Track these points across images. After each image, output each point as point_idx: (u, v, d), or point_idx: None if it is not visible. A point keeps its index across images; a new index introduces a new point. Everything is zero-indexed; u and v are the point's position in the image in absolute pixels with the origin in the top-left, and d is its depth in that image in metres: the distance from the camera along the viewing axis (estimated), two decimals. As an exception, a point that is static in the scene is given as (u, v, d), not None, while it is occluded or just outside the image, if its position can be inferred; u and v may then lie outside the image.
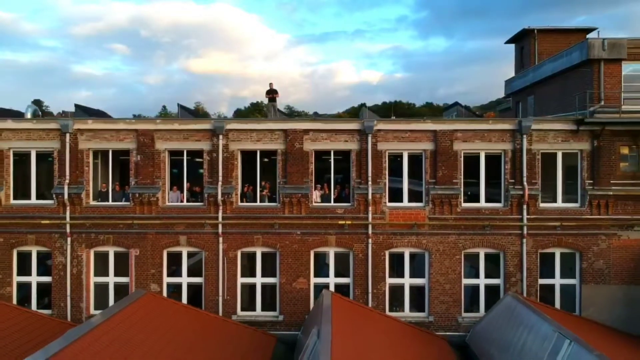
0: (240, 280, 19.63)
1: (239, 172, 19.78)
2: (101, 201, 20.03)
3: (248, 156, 20.01)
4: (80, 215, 19.59)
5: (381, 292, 19.42)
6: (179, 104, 27.87)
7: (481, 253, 19.54)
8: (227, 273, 19.49)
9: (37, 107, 26.07)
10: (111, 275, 19.83)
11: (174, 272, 19.98)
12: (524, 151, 19.20)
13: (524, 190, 19.08)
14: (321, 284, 19.43)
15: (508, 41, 31.68)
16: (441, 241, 19.36)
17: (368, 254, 19.34)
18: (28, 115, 23.16)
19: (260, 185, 19.94)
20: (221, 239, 19.45)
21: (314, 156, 19.70)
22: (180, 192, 20.11)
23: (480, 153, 19.60)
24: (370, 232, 19.33)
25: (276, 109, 26.16)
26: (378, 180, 19.40)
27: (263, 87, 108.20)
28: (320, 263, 19.90)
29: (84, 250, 19.60)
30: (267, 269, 19.80)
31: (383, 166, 19.50)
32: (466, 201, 19.64)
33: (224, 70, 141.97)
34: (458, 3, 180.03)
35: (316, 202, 19.79)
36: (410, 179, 19.69)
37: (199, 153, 19.93)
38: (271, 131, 19.70)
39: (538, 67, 25.94)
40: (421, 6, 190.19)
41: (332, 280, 19.68)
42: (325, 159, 20.04)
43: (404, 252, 19.60)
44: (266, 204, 19.84)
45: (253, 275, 19.83)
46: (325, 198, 19.93)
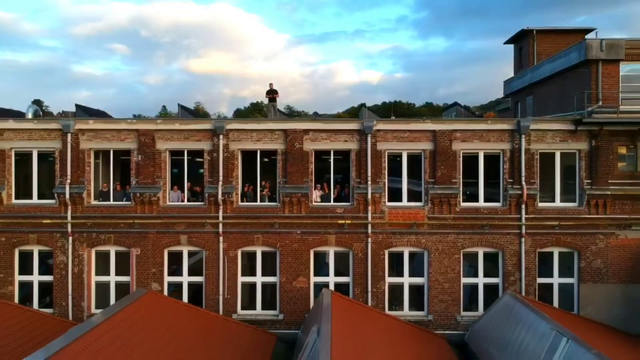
0: (240, 279, 19.74)
1: (240, 172, 19.88)
2: (102, 201, 20.13)
3: (248, 156, 20.11)
4: (81, 214, 19.70)
5: (381, 291, 19.53)
6: (179, 104, 27.89)
7: (480, 252, 19.65)
8: (228, 272, 19.60)
9: (38, 107, 26.14)
10: (112, 274, 19.95)
11: (175, 271, 20.09)
12: (523, 151, 19.31)
13: (523, 189, 19.19)
14: (321, 283, 19.55)
15: (507, 41, 31.81)
16: (440, 240, 19.47)
17: (368, 253, 19.45)
18: (29, 115, 23.25)
19: (260, 184, 20.05)
20: (222, 238, 19.55)
21: (314, 156, 19.80)
22: (181, 192, 20.20)
23: (479, 153, 19.71)
24: (369, 232, 19.44)
25: (276, 109, 26.25)
26: (377, 180, 19.50)
27: (263, 87, 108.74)
28: (320, 262, 20.00)
29: (85, 249, 19.71)
30: (267, 268, 19.91)
31: (382, 166, 19.61)
32: (465, 201, 19.75)
33: (224, 70, 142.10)
34: (458, 3, 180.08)
35: (316, 202, 19.90)
36: (409, 179, 19.80)
37: (200, 153, 20.04)
38: (271, 131, 19.81)
39: (537, 68, 26.04)
40: (421, 6, 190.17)
41: (332, 279, 19.79)
42: (325, 159, 20.14)
43: (404, 252, 19.71)
44: (266, 204, 19.95)
45: (253, 274, 19.94)
46: (325, 198, 20.03)
